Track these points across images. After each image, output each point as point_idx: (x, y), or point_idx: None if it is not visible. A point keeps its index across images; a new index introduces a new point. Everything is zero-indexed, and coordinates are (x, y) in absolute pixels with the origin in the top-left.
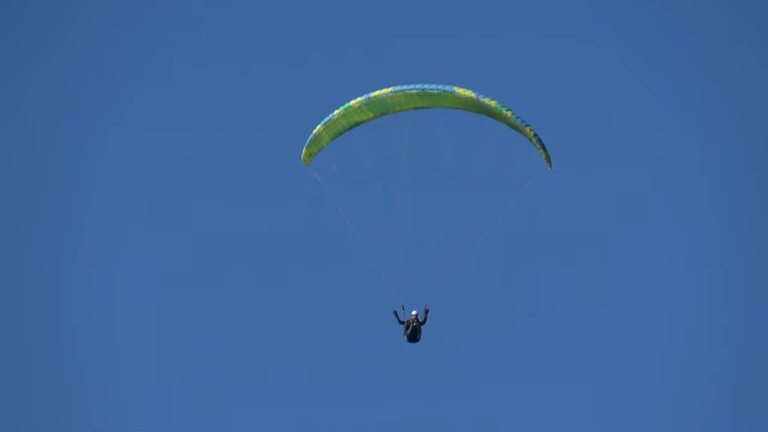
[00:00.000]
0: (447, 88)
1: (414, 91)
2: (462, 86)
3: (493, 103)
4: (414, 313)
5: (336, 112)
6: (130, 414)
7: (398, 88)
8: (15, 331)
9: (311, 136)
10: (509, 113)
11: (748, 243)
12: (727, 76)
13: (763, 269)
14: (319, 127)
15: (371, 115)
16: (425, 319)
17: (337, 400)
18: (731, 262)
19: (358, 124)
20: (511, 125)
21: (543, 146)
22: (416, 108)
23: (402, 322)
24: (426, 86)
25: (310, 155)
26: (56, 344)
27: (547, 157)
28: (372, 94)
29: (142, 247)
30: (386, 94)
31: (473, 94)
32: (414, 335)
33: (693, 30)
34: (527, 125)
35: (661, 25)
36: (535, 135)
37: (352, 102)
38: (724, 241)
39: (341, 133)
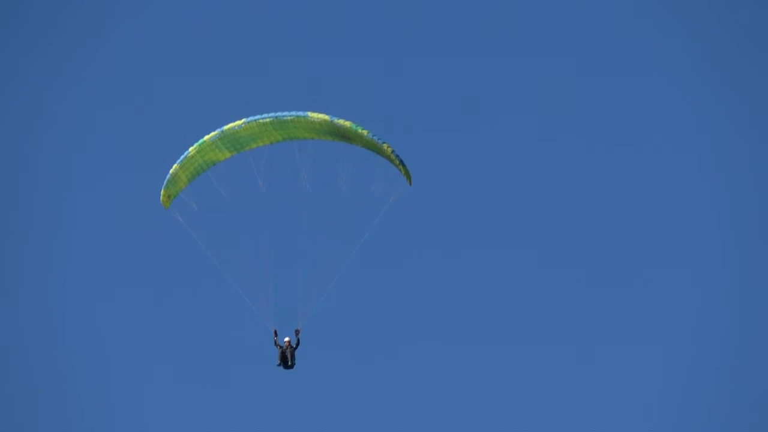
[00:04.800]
0: (300, 113)
1: (267, 120)
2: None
3: (348, 124)
4: (286, 339)
5: (191, 148)
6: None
7: (251, 118)
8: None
9: (168, 176)
10: (365, 132)
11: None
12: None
13: None
14: (175, 166)
15: (227, 153)
16: (298, 342)
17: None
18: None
19: (214, 162)
20: (368, 144)
21: (402, 163)
22: (272, 142)
23: (278, 347)
24: (279, 114)
25: (168, 197)
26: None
27: (407, 174)
28: (225, 127)
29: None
30: (239, 125)
31: (327, 117)
32: (288, 361)
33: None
34: (384, 142)
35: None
36: (393, 152)
37: (206, 137)
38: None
39: (198, 174)
